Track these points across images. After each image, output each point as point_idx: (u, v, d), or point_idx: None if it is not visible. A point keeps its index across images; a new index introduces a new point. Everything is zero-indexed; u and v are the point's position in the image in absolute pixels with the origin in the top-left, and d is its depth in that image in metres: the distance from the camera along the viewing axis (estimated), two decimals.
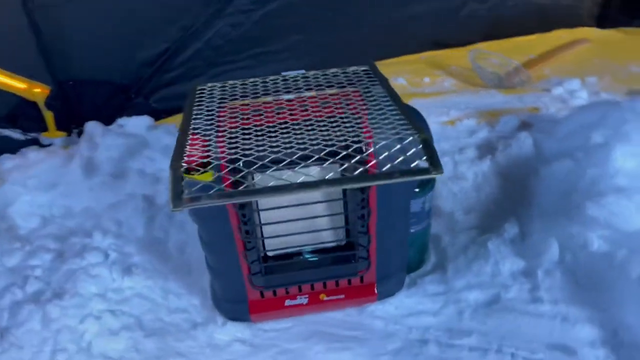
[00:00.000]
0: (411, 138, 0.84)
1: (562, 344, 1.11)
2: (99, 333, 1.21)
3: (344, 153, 0.85)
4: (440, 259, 1.40)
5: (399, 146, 0.86)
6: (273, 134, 0.94)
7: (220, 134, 0.96)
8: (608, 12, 2.81)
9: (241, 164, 0.85)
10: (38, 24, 1.96)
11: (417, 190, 1.20)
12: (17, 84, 1.97)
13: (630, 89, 2.05)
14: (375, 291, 1.26)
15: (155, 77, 2.13)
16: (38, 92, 2.00)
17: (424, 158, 0.80)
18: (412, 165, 0.81)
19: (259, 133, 0.96)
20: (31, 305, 1.25)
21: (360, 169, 0.83)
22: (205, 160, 1.02)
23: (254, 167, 0.84)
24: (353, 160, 0.84)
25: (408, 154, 0.85)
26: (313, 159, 0.83)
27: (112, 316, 1.24)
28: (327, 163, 0.83)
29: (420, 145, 0.82)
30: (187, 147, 0.86)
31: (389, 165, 0.82)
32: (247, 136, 0.94)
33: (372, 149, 0.88)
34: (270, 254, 1.18)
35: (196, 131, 0.94)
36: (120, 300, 1.29)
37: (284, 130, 0.96)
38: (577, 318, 1.14)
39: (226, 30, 2.05)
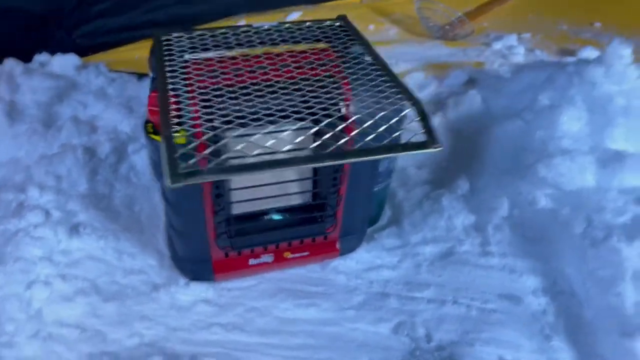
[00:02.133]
0: (407, 110, 0.83)
1: (510, 294, 1.21)
2: (50, 299, 1.13)
3: (327, 120, 0.82)
4: (396, 213, 1.44)
5: (381, 114, 0.85)
6: (249, 95, 0.89)
7: (193, 94, 0.89)
8: None
9: (216, 127, 0.80)
10: None
11: None
12: None
13: (560, 47, 2.17)
14: (338, 247, 1.29)
15: (81, 8, 1.89)
16: None
17: (422, 131, 0.80)
18: (400, 139, 0.80)
19: (233, 93, 0.90)
20: None
21: (342, 141, 0.81)
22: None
23: (236, 132, 0.79)
24: (337, 129, 0.82)
25: (391, 122, 0.84)
26: (297, 124, 0.80)
27: (63, 281, 1.16)
28: (312, 130, 0.80)
29: (419, 118, 0.81)
30: (172, 110, 0.79)
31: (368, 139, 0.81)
32: (220, 96, 0.88)
33: (352, 117, 0.86)
34: (235, 212, 1.15)
35: (174, 90, 0.85)
36: (70, 264, 1.21)
37: (261, 91, 0.91)
38: (523, 269, 1.25)
39: None
